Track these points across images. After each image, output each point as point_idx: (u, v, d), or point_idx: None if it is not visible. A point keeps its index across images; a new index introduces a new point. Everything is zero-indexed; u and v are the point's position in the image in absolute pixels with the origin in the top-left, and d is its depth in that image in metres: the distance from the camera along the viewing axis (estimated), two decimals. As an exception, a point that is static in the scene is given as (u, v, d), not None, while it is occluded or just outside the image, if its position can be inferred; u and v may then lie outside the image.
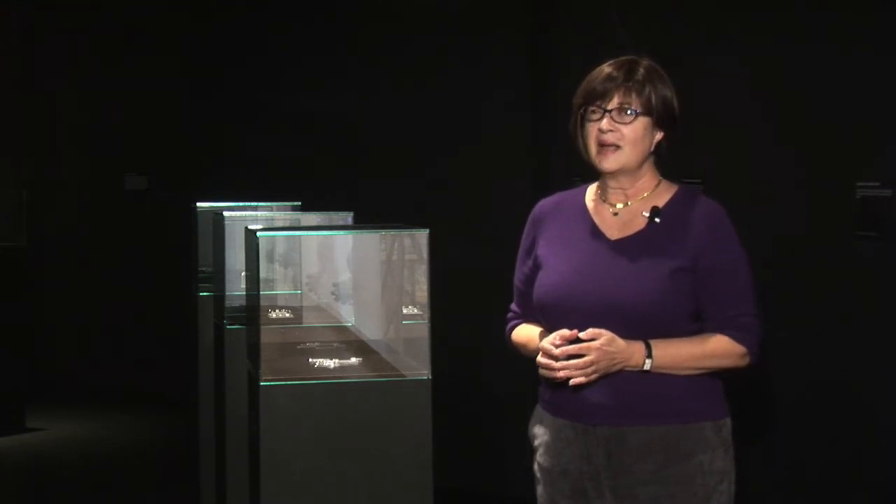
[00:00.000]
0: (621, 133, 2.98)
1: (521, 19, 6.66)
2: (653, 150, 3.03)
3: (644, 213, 3.02)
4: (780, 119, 5.20)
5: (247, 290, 4.29)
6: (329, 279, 4.14)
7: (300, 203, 5.83)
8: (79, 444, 8.15)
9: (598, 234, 3.04)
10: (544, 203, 3.17)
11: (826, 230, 5.00)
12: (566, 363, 2.89)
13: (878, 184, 4.76)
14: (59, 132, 9.90)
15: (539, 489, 3.11)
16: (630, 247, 2.99)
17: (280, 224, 5.41)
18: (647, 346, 2.92)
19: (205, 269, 5.66)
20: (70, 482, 7.31)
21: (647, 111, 2.98)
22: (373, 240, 3.98)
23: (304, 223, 5.43)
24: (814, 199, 5.06)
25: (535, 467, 3.12)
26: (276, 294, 4.23)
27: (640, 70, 3.00)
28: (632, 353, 2.91)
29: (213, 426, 5.39)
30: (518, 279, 3.19)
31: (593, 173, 3.09)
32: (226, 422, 4.93)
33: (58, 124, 9.90)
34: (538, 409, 3.14)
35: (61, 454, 7.88)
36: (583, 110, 3.02)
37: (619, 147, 2.98)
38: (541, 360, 2.94)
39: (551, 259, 3.06)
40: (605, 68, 3.02)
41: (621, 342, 2.90)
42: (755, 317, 2.99)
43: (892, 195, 4.70)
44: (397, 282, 3.82)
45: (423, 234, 3.76)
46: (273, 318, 4.11)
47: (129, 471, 7.52)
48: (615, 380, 2.93)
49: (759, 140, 5.30)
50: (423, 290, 3.76)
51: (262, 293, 3.87)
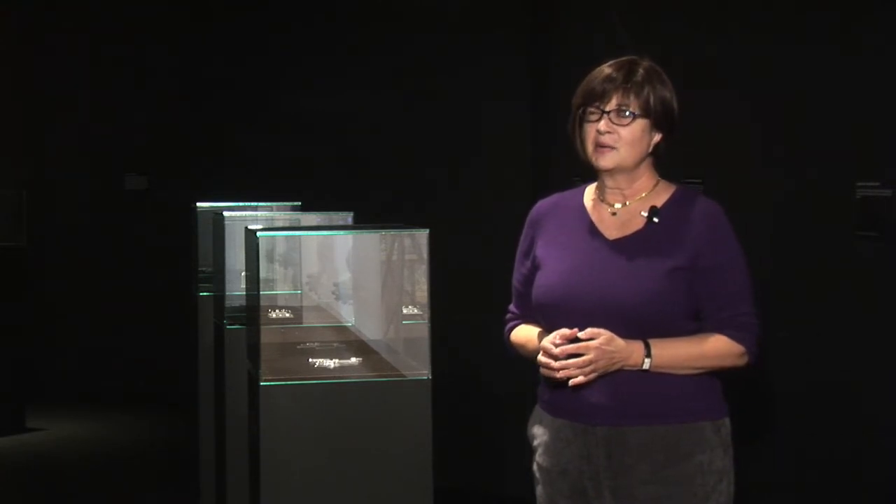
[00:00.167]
0: (619, 135, 2.97)
1: (521, 19, 6.66)
2: (651, 150, 3.02)
3: (642, 213, 3.02)
4: (780, 119, 5.19)
5: (247, 290, 4.29)
6: (329, 279, 4.14)
7: (300, 203, 5.83)
8: (79, 444, 8.15)
9: (596, 234, 3.03)
10: (542, 204, 3.17)
11: (826, 230, 5.00)
12: (566, 362, 2.89)
13: (878, 184, 4.76)
14: (59, 132, 9.89)
15: (538, 489, 3.11)
16: (628, 246, 2.99)
17: (280, 224, 5.41)
18: (646, 346, 2.92)
19: (205, 269, 5.66)
20: (70, 482, 7.31)
21: (645, 113, 2.98)
22: (373, 240, 3.98)
23: (304, 223, 5.43)
24: (814, 199, 5.06)
25: (535, 467, 3.12)
26: (276, 294, 4.23)
27: (640, 71, 3.00)
28: (631, 352, 2.91)
29: (213, 426, 5.39)
30: (516, 280, 3.19)
31: (593, 173, 3.09)
32: (226, 422, 4.93)
33: (58, 124, 9.89)
34: (537, 410, 3.13)
35: (61, 454, 7.88)
36: (581, 110, 3.02)
37: (615, 148, 2.98)
38: (541, 359, 2.94)
39: (550, 259, 3.05)
40: (605, 69, 3.01)
41: (620, 341, 2.89)
42: (754, 316, 2.99)
43: (892, 195, 4.70)
44: (397, 282, 3.82)
45: (423, 234, 3.75)
46: (273, 318, 4.11)
47: (129, 471, 7.52)
48: (614, 380, 2.93)
49: (759, 140, 5.30)
50: (423, 290, 3.75)
51: (262, 293, 3.87)
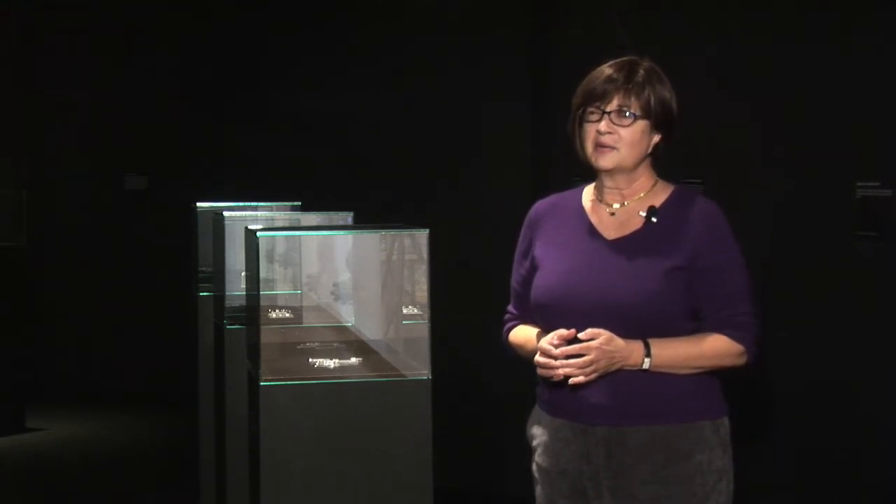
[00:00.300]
0: (619, 135, 2.97)
1: (521, 19, 6.66)
2: (650, 151, 3.02)
3: (641, 213, 3.02)
4: (780, 119, 5.20)
5: (247, 290, 4.29)
6: (329, 279, 4.14)
7: (300, 203, 5.83)
8: (79, 444, 8.15)
9: (595, 234, 3.03)
10: (540, 204, 3.17)
11: (826, 230, 5.00)
12: (566, 362, 2.89)
13: (878, 184, 4.76)
14: (59, 132, 9.89)
15: (538, 489, 3.11)
16: (627, 246, 2.99)
17: (280, 224, 5.40)
18: (646, 346, 2.92)
19: (205, 269, 5.66)
20: (70, 482, 7.31)
21: (645, 114, 2.98)
22: (373, 240, 3.98)
23: (304, 223, 5.43)
24: (814, 199, 5.06)
25: (534, 467, 3.12)
26: (276, 294, 4.23)
27: (641, 72, 2.99)
28: (630, 352, 2.91)
29: (213, 426, 5.39)
30: (515, 281, 3.19)
31: (593, 173, 3.09)
32: (226, 422, 4.93)
33: (58, 124, 9.89)
34: (536, 410, 3.13)
35: (61, 454, 7.88)
36: (581, 110, 3.02)
37: (616, 149, 2.98)
38: (539, 359, 2.94)
39: (548, 260, 3.05)
40: (606, 69, 3.01)
41: (620, 341, 2.89)
42: (752, 316, 2.99)
43: (892, 195, 4.70)
44: (397, 282, 3.82)
45: (423, 234, 3.75)
46: (273, 318, 4.11)
47: (129, 471, 7.52)
48: (614, 379, 2.93)
49: (758, 140, 5.30)
50: (423, 290, 3.75)
51: (262, 293, 3.87)
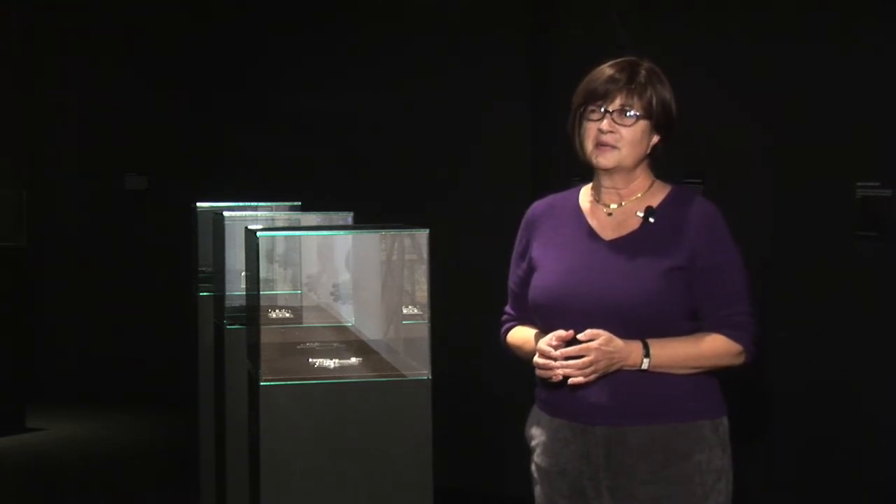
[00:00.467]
0: (620, 134, 2.97)
1: (521, 19, 6.66)
2: (649, 152, 3.03)
3: (638, 213, 3.02)
4: (779, 119, 5.19)
5: (247, 290, 4.29)
6: (329, 279, 4.14)
7: (300, 203, 5.83)
8: (79, 444, 8.15)
9: (592, 235, 3.03)
10: (537, 205, 3.17)
11: (826, 230, 5.00)
12: (565, 363, 2.89)
13: (878, 184, 4.76)
14: (59, 132, 9.89)
15: (537, 490, 3.11)
16: (625, 247, 2.99)
17: (280, 224, 5.40)
18: (645, 346, 2.92)
19: (205, 269, 5.66)
20: (70, 482, 7.31)
21: (647, 114, 2.98)
22: (373, 240, 3.98)
23: (304, 223, 5.43)
24: (814, 199, 5.06)
25: (533, 468, 3.12)
26: (276, 294, 4.23)
27: (642, 72, 3.00)
28: (630, 352, 2.91)
29: (213, 426, 5.38)
30: (512, 281, 3.18)
31: (592, 173, 3.09)
32: (226, 422, 4.93)
33: (58, 124, 9.89)
34: (535, 410, 3.13)
35: (61, 454, 7.88)
36: (582, 109, 3.02)
37: (616, 148, 2.98)
38: (538, 360, 2.94)
39: (546, 260, 3.05)
40: (607, 70, 3.01)
41: (619, 342, 2.89)
42: (751, 315, 2.99)
43: (892, 195, 4.70)
44: (397, 282, 3.82)
45: (423, 234, 3.75)
46: (273, 318, 4.11)
47: (129, 471, 7.52)
48: (613, 380, 2.93)
49: (758, 140, 5.30)
50: (423, 290, 3.75)
51: (262, 293, 3.87)
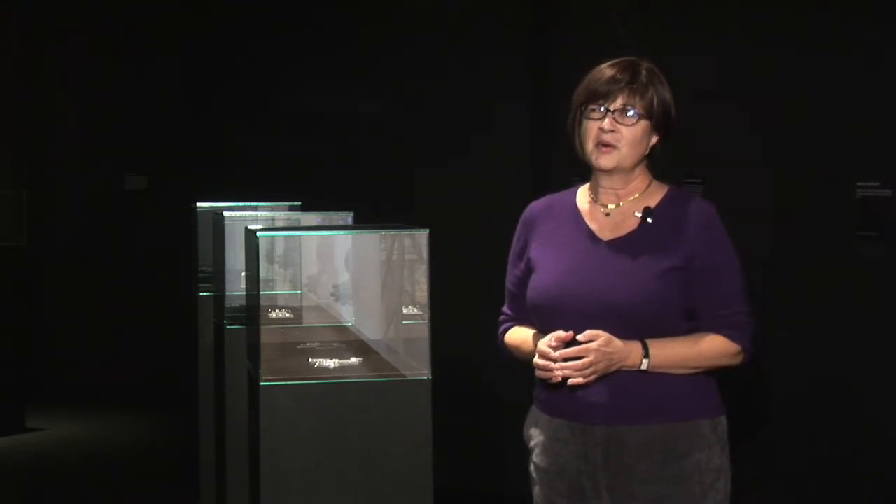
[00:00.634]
0: (621, 134, 2.98)
1: (521, 19, 6.66)
2: (647, 152, 3.03)
3: (636, 214, 3.02)
4: (780, 119, 5.20)
5: (247, 290, 4.29)
6: (329, 279, 4.14)
7: (300, 203, 5.83)
8: (79, 444, 8.15)
9: (590, 235, 3.03)
10: (535, 205, 3.17)
11: (826, 230, 5.00)
12: (565, 364, 2.89)
13: (878, 184, 4.76)
14: (59, 132, 9.89)
15: (535, 490, 3.11)
16: (623, 247, 2.99)
17: (280, 224, 5.40)
18: (644, 346, 2.92)
19: (205, 269, 5.66)
20: (70, 482, 7.31)
21: (648, 114, 2.98)
22: (373, 240, 3.98)
23: (304, 223, 5.43)
24: (814, 199, 5.06)
25: (531, 468, 3.12)
26: (276, 294, 4.23)
27: (643, 72, 3.00)
28: (629, 352, 2.91)
29: (213, 426, 5.38)
30: (510, 282, 3.18)
31: (592, 173, 3.09)
32: (226, 422, 4.93)
33: (58, 124, 9.89)
34: (533, 410, 3.13)
35: (61, 454, 7.88)
36: (583, 108, 3.01)
37: (616, 147, 2.98)
38: (538, 361, 2.94)
39: (544, 261, 3.05)
40: (608, 70, 3.01)
41: (619, 342, 2.90)
42: (748, 315, 3.00)
43: (892, 195, 4.70)
44: (397, 282, 3.82)
45: (423, 234, 3.75)
46: (273, 318, 4.11)
47: (129, 471, 7.52)
48: (612, 380, 2.93)
49: (759, 140, 5.30)
50: (423, 290, 3.75)
51: (262, 293, 3.87)
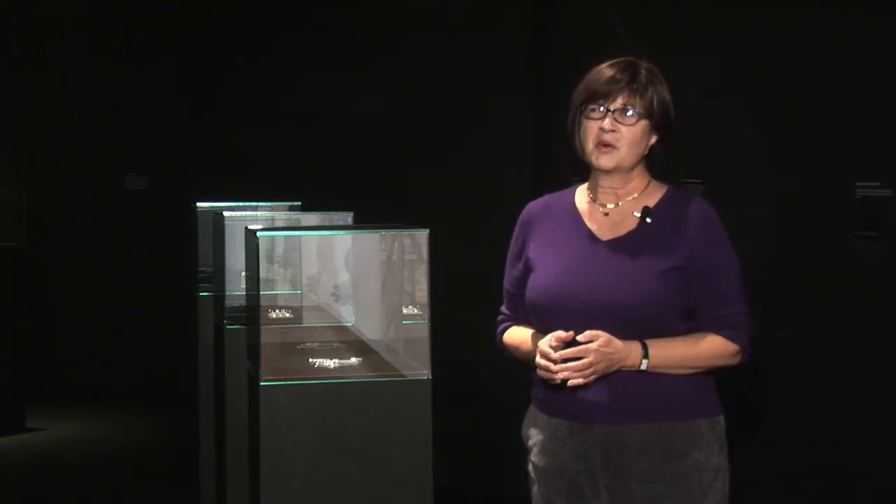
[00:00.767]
0: (621, 133, 2.98)
1: (521, 19, 6.66)
2: (646, 152, 3.03)
3: (635, 214, 3.02)
4: (780, 119, 5.20)
5: (247, 290, 4.29)
6: (329, 279, 4.14)
7: (300, 203, 5.83)
8: (79, 444, 8.15)
9: (589, 235, 3.04)
10: (533, 205, 3.17)
11: (826, 230, 5.00)
12: (565, 365, 2.89)
13: (878, 184, 4.76)
14: (59, 132, 9.89)
15: (534, 489, 3.11)
16: (622, 247, 2.99)
17: (280, 224, 5.40)
18: (644, 347, 2.92)
19: (205, 269, 5.66)
20: (70, 482, 7.31)
21: (647, 114, 2.98)
22: (373, 240, 3.97)
23: (304, 223, 5.43)
24: (814, 199, 5.06)
25: (530, 468, 3.12)
26: (276, 294, 4.23)
27: (643, 72, 3.00)
28: (629, 353, 2.91)
29: (213, 426, 5.38)
30: (508, 282, 3.19)
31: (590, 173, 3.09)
32: (226, 422, 4.93)
33: (58, 124, 9.89)
34: (531, 410, 3.13)
35: (61, 454, 7.88)
36: (583, 108, 3.02)
37: (616, 147, 2.98)
38: (540, 361, 2.94)
39: (543, 260, 3.06)
40: (607, 70, 3.01)
41: (618, 343, 2.90)
42: (747, 315, 3.00)
43: (892, 195, 4.70)
44: (397, 282, 3.82)
45: (423, 234, 3.75)
46: (273, 318, 4.11)
47: (129, 471, 7.52)
48: (611, 379, 2.93)
49: (759, 140, 5.30)
50: (423, 290, 3.75)
51: (262, 293, 3.87)
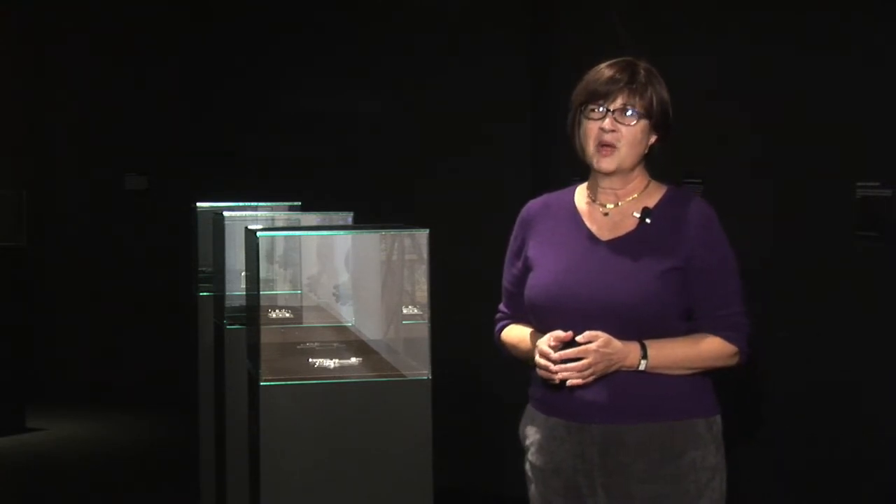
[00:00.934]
0: (621, 133, 2.98)
1: (521, 19, 6.66)
2: (646, 152, 3.03)
3: (635, 214, 3.02)
4: (780, 119, 5.20)
5: (247, 290, 4.29)
6: (329, 279, 4.14)
7: (300, 203, 5.83)
8: (79, 444, 8.15)
9: (589, 235, 3.04)
10: (533, 204, 3.17)
11: (826, 230, 5.00)
12: (564, 366, 2.89)
13: (878, 184, 4.76)
14: (59, 132, 9.90)
15: (531, 488, 3.11)
16: (621, 247, 2.99)
17: (280, 224, 5.40)
18: (643, 347, 2.92)
19: (205, 269, 5.66)
20: (70, 482, 7.31)
21: (647, 114, 2.98)
22: (373, 240, 3.97)
23: (304, 223, 5.43)
24: (814, 199, 5.06)
25: (527, 467, 3.12)
26: (276, 294, 4.23)
27: (641, 72, 3.00)
28: (627, 353, 2.91)
29: (213, 426, 5.39)
30: (507, 280, 3.19)
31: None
32: (226, 422, 4.93)
33: (58, 124, 9.90)
34: (529, 409, 3.14)
35: (61, 454, 7.88)
36: (582, 108, 3.02)
37: (616, 148, 2.98)
38: (540, 361, 2.94)
39: (542, 260, 3.06)
40: (606, 70, 3.01)
41: (617, 343, 2.90)
42: (745, 316, 3.00)
43: (892, 195, 4.70)
44: (397, 282, 3.82)
45: (423, 234, 3.75)
46: (273, 318, 4.11)
47: (129, 471, 7.52)
48: (609, 379, 2.93)
49: (758, 140, 5.30)
50: (423, 290, 3.75)
51: (262, 293, 3.87)
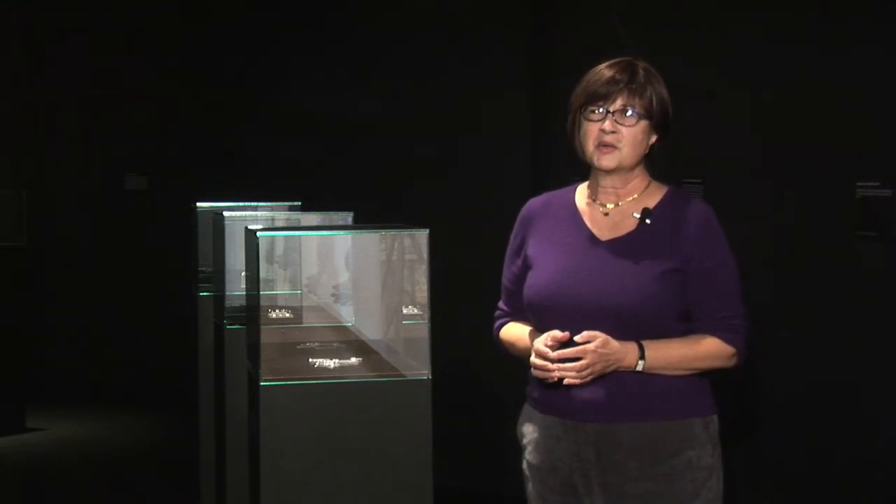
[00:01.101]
0: (621, 134, 2.98)
1: (521, 19, 6.66)
2: (647, 152, 3.03)
3: (635, 214, 3.03)
4: (780, 119, 5.19)
5: (247, 290, 4.29)
6: (329, 279, 4.14)
7: (300, 203, 5.83)
8: (79, 444, 8.15)
9: (589, 235, 3.04)
10: (533, 202, 3.17)
11: (826, 230, 5.00)
12: (562, 366, 2.90)
13: (878, 184, 4.76)
14: (59, 132, 9.89)
15: (528, 487, 3.12)
16: (621, 247, 3.00)
17: (280, 224, 5.40)
18: (640, 348, 2.93)
19: (205, 269, 5.66)
20: (70, 482, 7.31)
21: (647, 114, 2.99)
22: (373, 240, 3.97)
23: (304, 223, 5.43)
24: (814, 199, 5.05)
25: (524, 465, 3.13)
26: (276, 294, 4.23)
27: (641, 72, 3.01)
28: (625, 353, 2.92)
29: (213, 426, 5.39)
30: (506, 278, 3.19)
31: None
32: (226, 422, 4.93)
33: (58, 124, 9.90)
34: (526, 408, 3.14)
35: (61, 454, 7.88)
36: (582, 109, 3.02)
37: (617, 148, 2.99)
38: (536, 361, 2.94)
39: (542, 259, 3.06)
40: (606, 70, 3.02)
41: (615, 344, 2.90)
42: (743, 318, 3.01)
43: (892, 195, 4.70)
44: (397, 282, 3.82)
45: (423, 234, 3.75)
46: (273, 318, 4.10)
47: (129, 471, 7.52)
48: (606, 378, 2.94)
49: (758, 140, 5.30)
50: (423, 290, 3.75)
51: (262, 293, 3.87)
